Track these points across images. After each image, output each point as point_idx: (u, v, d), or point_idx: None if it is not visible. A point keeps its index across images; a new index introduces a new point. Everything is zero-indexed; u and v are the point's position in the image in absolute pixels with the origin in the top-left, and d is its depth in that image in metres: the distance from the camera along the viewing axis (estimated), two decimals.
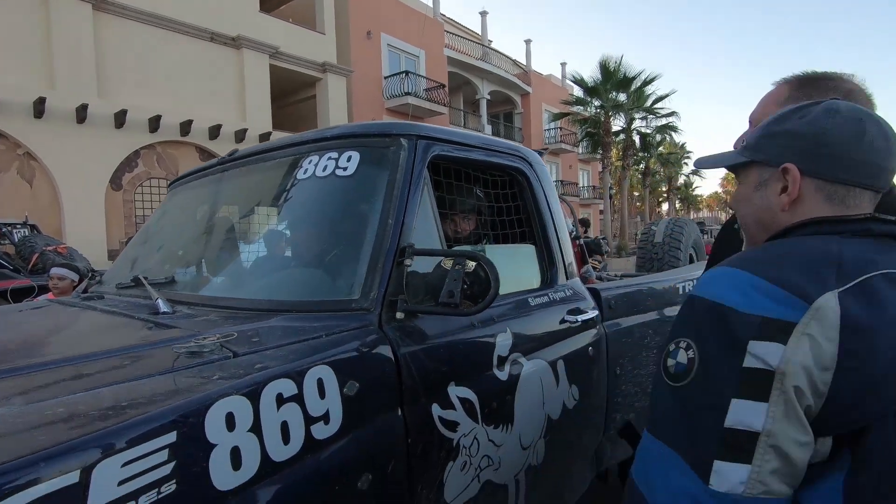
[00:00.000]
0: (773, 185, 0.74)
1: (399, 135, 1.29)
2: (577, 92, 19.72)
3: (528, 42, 23.66)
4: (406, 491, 1.03)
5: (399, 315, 1.10)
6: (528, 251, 1.68)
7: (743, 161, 0.78)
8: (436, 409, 1.11)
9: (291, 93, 14.91)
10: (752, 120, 1.03)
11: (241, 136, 11.99)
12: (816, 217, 0.71)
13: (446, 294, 1.08)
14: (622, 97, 18.53)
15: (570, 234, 2.07)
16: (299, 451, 0.81)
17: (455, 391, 1.17)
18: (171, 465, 0.63)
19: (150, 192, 11.07)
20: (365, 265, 1.13)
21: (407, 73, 16.19)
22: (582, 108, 19.38)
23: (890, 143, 0.70)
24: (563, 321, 1.59)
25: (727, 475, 0.58)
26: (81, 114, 9.71)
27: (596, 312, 1.71)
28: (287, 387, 0.81)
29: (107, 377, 0.76)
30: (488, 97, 20.72)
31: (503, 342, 1.34)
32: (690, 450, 0.61)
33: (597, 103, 18.70)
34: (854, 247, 0.66)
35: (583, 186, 27.20)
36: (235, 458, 0.71)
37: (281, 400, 0.80)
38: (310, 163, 1.29)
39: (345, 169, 1.25)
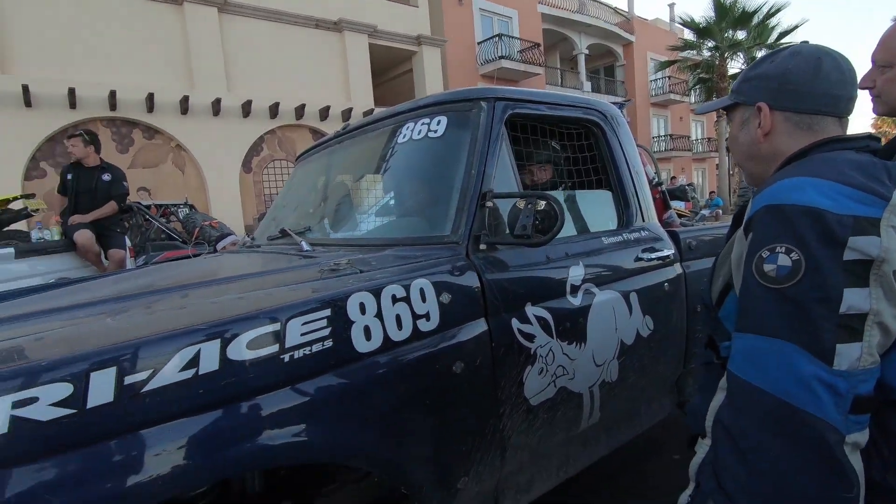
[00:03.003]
0: (753, 121, 0.89)
1: (480, 98, 1.53)
2: (688, 35, 18.06)
3: None
4: (491, 381, 1.30)
5: (482, 246, 1.36)
6: (604, 196, 1.84)
7: (730, 103, 0.94)
8: (515, 323, 1.37)
9: (389, 69, 15.52)
10: (874, 59, 1.08)
11: (347, 115, 12.82)
12: (831, 137, 0.83)
13: (520, 228, 1.32)
14: (741, 35, 16.64)
15: (651, 180, 2.16)
16: (409, 336, 1.11)
17: (531, 310, 1.41)
18: (329, 329, 0.96)
19: (275, 173, 12.35)
20: (454, 208, 1.40)
21: (500, 36, 15.99)
22: (693, 52, 17.74)
23: (844, 75, 0.83)
24: (637, 258, 1.74)
25: (846, 355, 0.66)
26: (216, 107, 11.03)
27: (672, 252, 1.84)
28: (399, 291, 1.12)
29: (278, 282, 1.12)
30: (587, 52, 19.75)
31: (575, 274, 1.55)
32: (812, 341, 0.67)
33: (710, 45, 17.01)
34: (875, 158, 0.78)
35: (696, 140, 25.05)
36: (367, 332, 1.03)
37: (395, 299, 1.10)
38: (407, 129, 1.58)
39: (436, 131, 1.52)
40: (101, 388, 0.71)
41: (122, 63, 10.04)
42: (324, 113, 12.56)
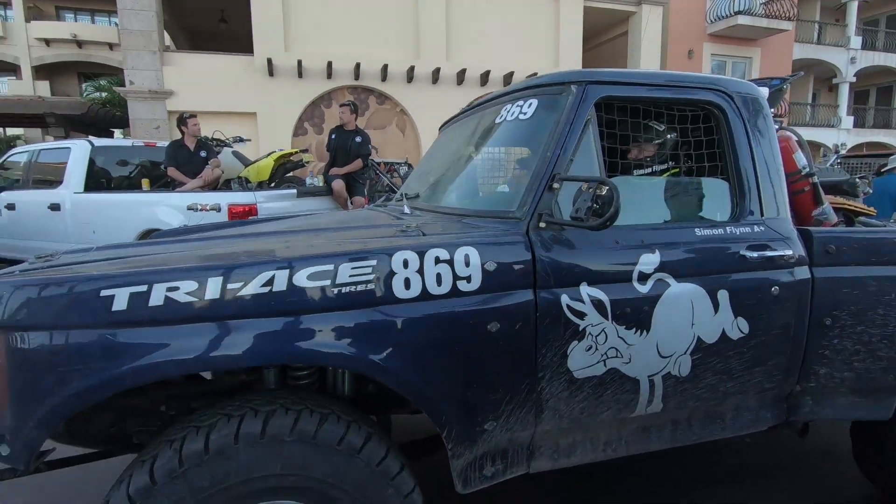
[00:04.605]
0: None
1: (570, 82, 1.55)
2: None
3: None
4: (531, 346, 1.39)
5: (542, 225, 1.43)
6: (716, 185, 1.67)
7: None
8: (565, 299, 1.42)
9: (601, 32, 14.57)
10: None
11: None
12: None
13: (574, 210, 1.35)
14: None
15: (800, 171, 1.83)
16: (448, 293, 1.30)
17: (587, 290, 1.44)
18: (373, 275, 1.22)
19: None
20: (524, 187, 1.49)
21: None
22: None
23: None
24: (739, 255, 1.57)
25: None
26: (435, 76, 11.99)
27: (791, 252, 1.59)
28: (442, 253, 1.30)
29: (359, 235, 1.41)
30: None
31: (648, 261, 1.49)
32: None
33: None
34: None
35: None
36: (407, 283, 1.25)
37: (437, 260, 1.29)
38: (506, 110, 1.69)
39: (525, 114, 1.60)
40: (212, 288, 1.10)
41: (365, 39, 11.63)
42: None
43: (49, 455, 1.23)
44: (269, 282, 1.14)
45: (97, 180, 5.00)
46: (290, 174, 6.03)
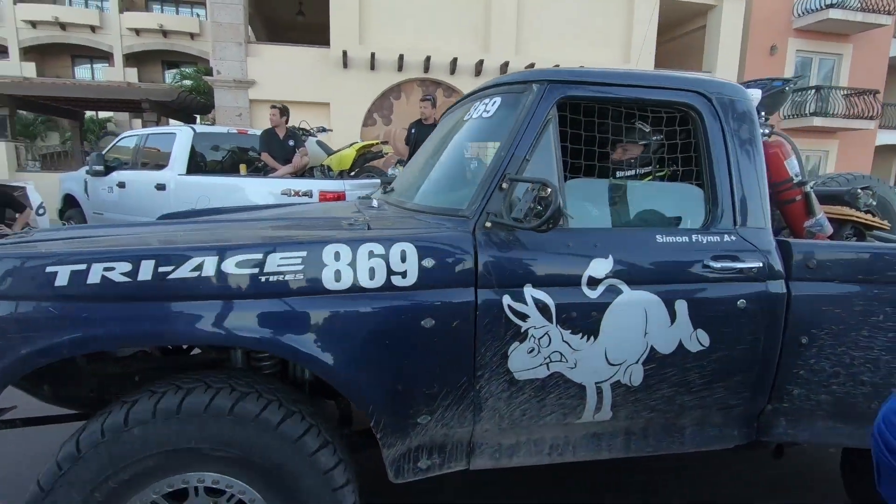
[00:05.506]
0: None
1: (533, 81, 1.47)
2: None
3: None
4: (469, 345, 1.35)
5: (487, 224, 1.38)
6: (687, 191, 1.53)
7: None
8: (506, 299, 1.36)
9: (677, 26, 13.52)
10: None
11: None
12: None
13: (517, 211, 1.30)
14: None
15: (791, 179, 1.61)
16: (381, 286, 1.29)
17: (531, 291, 1.38)
18: (302, 266, 1.24)
19: None
20: (475, 186, 1.44)
21: None
22: None
23: None
24: (703, 265, 1.43)
25: None
26: (503, 70, 11.62)
27: (760, 264, 1.42)
28: (377, 248, 1.30)
29: (310, 225, 1.44)
30: None
31: (599, 266, 1.40)
32: None
33: None
34: None
35: None
36: (337, 276, 1.26)
37: (371, 255, 1.29)
38: (473, 108, 1.64)
39: (488, 112, 1.54)
40: (146, 270, 1.16)
41: (436, 32, 11.53)
42: None
43: (8, 413, 1.37)
44: (199, 267, 1.19)
45: (196, 163, 5.35)
46: (369, 164, 6.18)
